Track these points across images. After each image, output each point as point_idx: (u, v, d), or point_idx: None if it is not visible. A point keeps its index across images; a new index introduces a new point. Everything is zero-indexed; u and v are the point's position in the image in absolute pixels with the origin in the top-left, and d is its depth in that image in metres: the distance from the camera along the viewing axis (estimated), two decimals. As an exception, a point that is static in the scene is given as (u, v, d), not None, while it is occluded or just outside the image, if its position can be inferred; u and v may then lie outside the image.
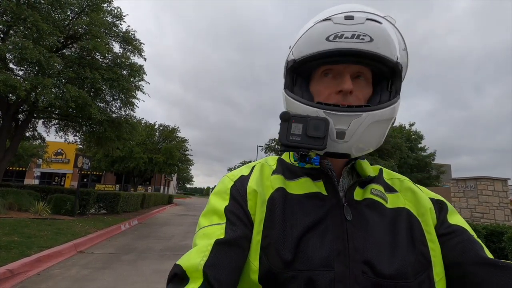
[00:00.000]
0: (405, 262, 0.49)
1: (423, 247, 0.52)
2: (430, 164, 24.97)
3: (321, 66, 0.59)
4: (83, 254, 5.26)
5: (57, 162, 30.80)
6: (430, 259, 0.51)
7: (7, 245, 4.58)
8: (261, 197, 0.56)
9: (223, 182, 0.61)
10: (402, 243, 0.52)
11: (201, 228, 0.54)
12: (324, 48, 0.54)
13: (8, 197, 8.30)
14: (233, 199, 0.57)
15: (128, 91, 10.52)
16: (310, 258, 0.49)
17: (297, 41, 0.59)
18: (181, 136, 27.28)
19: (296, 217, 0.53)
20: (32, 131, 11.78)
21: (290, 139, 0.52)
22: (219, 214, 0.55)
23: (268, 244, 0.51)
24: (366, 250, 0.50)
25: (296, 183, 0.59)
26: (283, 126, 0.53)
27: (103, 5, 9.91)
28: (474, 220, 9.65)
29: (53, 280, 3.77)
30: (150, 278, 4.14)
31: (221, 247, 0.49)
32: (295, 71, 0.61)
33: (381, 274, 0.48)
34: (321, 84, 0.59)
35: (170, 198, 24.22)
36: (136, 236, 7.61)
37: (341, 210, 0.54)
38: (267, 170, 0.62)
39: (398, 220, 0.55)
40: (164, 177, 37.41)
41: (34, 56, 7.36)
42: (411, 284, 0.48)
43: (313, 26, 0.57)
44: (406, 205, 0.58)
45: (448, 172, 31.54)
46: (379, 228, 0.53)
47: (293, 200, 0.56)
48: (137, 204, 13.25)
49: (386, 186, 0.62)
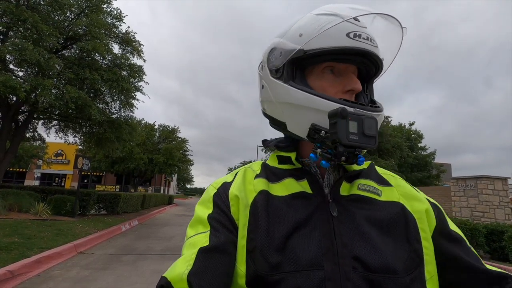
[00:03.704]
0: (396, 256, 0.49)
1: (417, 245, 0.51)
2: (430, 163, 24.97)
3: (326, 61, 0.57)
4: (84, 255, 5.26)
5: (57, 163, 30.78)
6: (422, 257, 0.51)
7: (7, 246, 4.58)
8: (243, 202, 0.56)
9: (207, 191, 0.62)
10: (395, 237, 0.51)
11: (188, 238, 0.55)
12: (344, 44, 0.53)
13: (9, 198, 8.30)
14: (216, 206, 0.57)
15: (128, 92, 10.53)
16: (298, 259, 0.48)
17: (304, 31, 0.55)
18: (181, 136, 27.31)
19: (281, 218, 0.52)
20: (32, 132, 11.77)
21: (350, 138, 0.48)
22: (204, 223, 0.55)
23: (254, 248, 0.50)
24: (355, 245, 0.49)
25: (280, 184, 0.58)
26: (341, 124, 0.48)
27: (102, 6, 9.92)
28: (475, 219, 9.64)
29: (54, 281, 3.77)
30: (150, 278, 4.14)
31: (205, 255, 0.49)
32: (296, 63, 0.58)
33: (371, 268, 0.47)
34: (323, 80, 0.58)
35: (170, 198, 24.24)
36: (136, 236, 7.62)
37: (327, 207, 0.53)
38: (250, 175, 0.62)
39: (392, 214, 0.54)
40: (164, 177, 37.39)
41: (34, 57, 7.35)
42: (402, 279, 0.47)
43: (328, 19, 0.54)
44: (400, 200, 0.57)
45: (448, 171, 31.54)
46: (366, 222, 0.52)
47: (277, 201, 0.55)
48: (137, 205, 13.25)
49: (380, 179, 0.61)
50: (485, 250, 7.13)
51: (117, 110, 11.19)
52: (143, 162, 23.61)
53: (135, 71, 10.71)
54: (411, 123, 26.13)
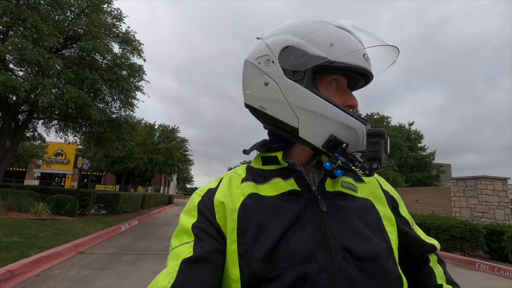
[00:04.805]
0: (377, 245, 0.53)
1: (386, 236, 0.57)
2: (430, 163, 24.99)
3: (337, 74, 0.60)
4: (83, 254, 5.26)
5: (57, 162, 30.79)
6: (392, 247, 0.57)
7: (7, 246, 4.58)
8: (230, 207, 0.56)
9: (192, 199, 0.61)
10: (372, 229, 0.56)
11: (172, 249, 0.54)
12: (361, 64, 0.58)
13: (8, 197, 8.30)
14: (200, 215, 0.56)
15: (128, 92, 10.53)
16: (293, 254, 0.49)
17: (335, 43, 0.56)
18: (181, 136, 27.32)
19: (274, 216, 0.53)
20: (32, 132, 11.76)
21: (384, 157, 0.53)
22: (188, 233, 0.54)
23: (246, 251, 0.51)
24: (344, 237, 0.52)
25: (268, 185, 0.59)
26: (383, 144, 0.53)
27: (103, 6, 9.92)
28: (474, 219, 9.65)
29: (53, 281, 3.77)
30: (150, 278, 4.11)
31: (189, 266, 0.49)
32: (317, 71, 0.58)
33: (360, 257, 0.51)
34: (330, 92, 0.60)
35: (170, 198, 24.25)
36: (136, 236, 7.62)
37: (316, 203, 0.56)
38: (235, 180, 0.62)
39: (366, 209, 0.59)
40: (164, 177, 37.39)
41: (34, 57, 7.35)
42: (385, 264, 0.52)
43: (348, 35, 0.58)
44: (370, 197, 0.62)
45: (448, 172, 31.56)
46: (351, 215, 0.56)
47: (268, 201, 0.56)
48: (137, 205, 13.25)
49: (355, 176, 0.66)
50: (484, 251, 7.13)
51: (117, 110, 11.21)
52: (143, 162, 23.60)
53: (135, 71, 10.71)
54: (410, 123, 26.17)
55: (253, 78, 0.62)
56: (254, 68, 0.62)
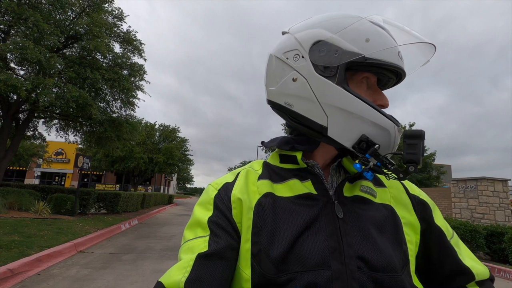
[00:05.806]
0: (393, 256, 0.50)
1: (404, 246, 0.54)
2: (431, 164, 24.97)
3: (369, 72, 0.57)
4: (83, 253, 5.26)
5: (57, 161, 30.81)
6: (408, 257, 0.54)
7: (7, 245, 4.58)
8: (246, 204, 0.54)
9: (207, 191, 0.59)
10: (390, 238, 0.53)
11: (186, 241, 0.53)
12: (396, 62, 0.55)
13: (9, 196, 8.30)
14: (217, 209, 0.55)
15: (129, 91, 10.54)
16: (305, 259, 0.48)
17: (371, 38, 0.54)
18: (181, 136, 27.34)
19: (289, 219, 0.52)
20: (32, 131, 11.78)
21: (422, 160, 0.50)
22: (203, 226, 0.53)
23: (259, 251, 0.50)
24: (359, 245, 0.50)
25: (285, 185, 0.57)
26: (421, 146, 0.50)
27: (104, 6, 9.93)
28: (475, 220, 9.63)
29: (54, 280, 3.78)
30: (150, 278, 4.14)
31: (204, 261, 0.49)
32: (349, 67, 0.55)
33: (375, 267, 0.48)
34: (361, 90, 0.57)
35: (170, 198, 24.22)
36: (136, 236, 7.62)
37: (332, 208, 0.53)
38: (252, 176, 0.60)
39: (385, 216, 0.56)
40: (164, 177, 37.41)
41: (35, 56, 7.36)
42: (399, 277, 0.49)
43: (383, 31, 0.56)
44: (391, 202, 0.59)
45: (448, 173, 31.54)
46: (368, 223, 0.53)
47: (283, 203, 0.54)
48: (137, 204, 13.25)
49: (375, 179, 0.62)
50: (485, 252, 7.12)
51: (118, 109, 11.22)
52: (143, 162, 23.62)
53: (136, 70, 10.73)
54: (411, 124, 26.14)
55: (279, 74, 0.59)
56: (281, 63, 0.59)
